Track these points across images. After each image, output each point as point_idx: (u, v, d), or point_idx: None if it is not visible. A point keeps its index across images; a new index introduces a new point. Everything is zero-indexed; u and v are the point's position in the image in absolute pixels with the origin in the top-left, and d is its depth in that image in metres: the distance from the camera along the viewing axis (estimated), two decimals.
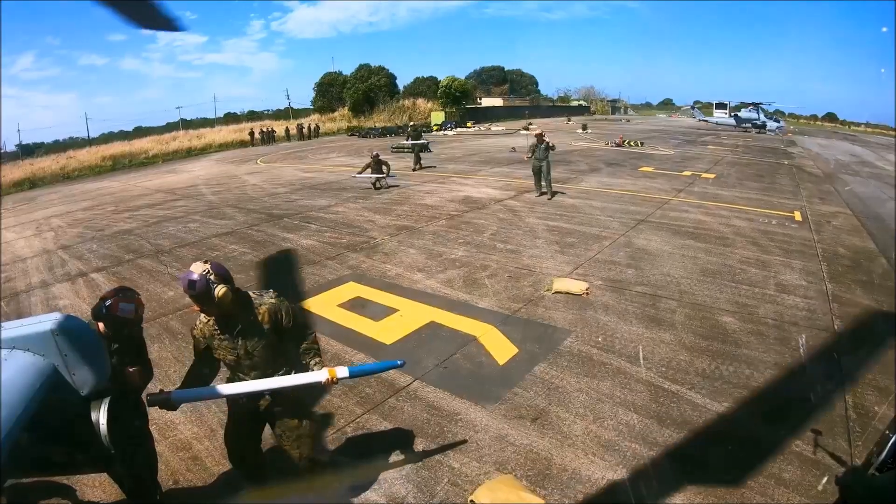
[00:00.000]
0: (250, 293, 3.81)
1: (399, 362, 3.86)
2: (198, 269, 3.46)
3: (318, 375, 3.65)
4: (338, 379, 3.63)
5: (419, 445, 5.04)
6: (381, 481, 4.59)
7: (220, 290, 3.46)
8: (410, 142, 27.98)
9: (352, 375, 3.72)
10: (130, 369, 3.71)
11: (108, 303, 3.66)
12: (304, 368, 3.88)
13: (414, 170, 24.04)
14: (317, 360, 3.88)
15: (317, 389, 5.19)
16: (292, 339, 3.91)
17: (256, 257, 11.37)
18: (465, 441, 5.06)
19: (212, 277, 3.45)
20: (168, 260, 11.67)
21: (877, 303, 8.05)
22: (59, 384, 2.99)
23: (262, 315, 3.73)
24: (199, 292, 3.44)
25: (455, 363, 6.57)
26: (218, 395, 3.79)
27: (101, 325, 3.68)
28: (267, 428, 4.13)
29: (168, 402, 3.65)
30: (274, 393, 3.85)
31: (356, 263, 10.59)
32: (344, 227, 13.77)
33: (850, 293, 8.43)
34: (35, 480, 4.21)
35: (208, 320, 3.75)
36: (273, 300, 3.80)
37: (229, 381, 3.87)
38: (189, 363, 4.02)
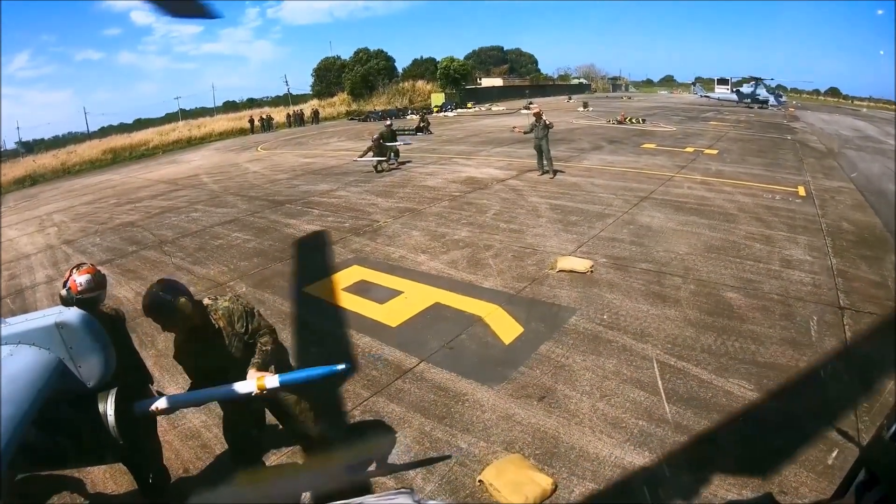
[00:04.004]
0: (205, 300, 3.80)
1: (341, 367, 3.47)
2: (152, 290, 3.48)
3: (246, 386, 3.54)
4: (267, 389, 3.53)
5: (426, 427, 5.05)
6: (390, 463, 4.61)
7: (178, 301, 3.47)
8: (382, 144, 19.88)
9: (283, 384, 3.53)
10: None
11: (67, 285, 3.78)
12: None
13: (378, 170, 19.43)
14: (252, 370, 3.71)
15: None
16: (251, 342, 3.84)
17: (260, 244, 11.36)
18: (472, 421, 5.08)
19: (167, 294, 3.46)
20: (172, 250, 11.66)
21: (881, 278, 8.01)
22: (65, 377, 2.99)
23: (219, 321, 3.72)
24: (160, 310, 3.45)
25: (461, 344, 6.58)
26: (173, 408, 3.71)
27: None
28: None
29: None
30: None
31: (359, 247, 10.58)
32: (346, 211, 13.75)
33: (855, 268, 8.39)
34: (45, 474, 4.25)
35: (181, 342, 3.74)
36: (227, 303, 3.78)
37: None
38: None
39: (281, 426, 4.28)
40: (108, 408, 3.13)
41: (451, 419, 5.13)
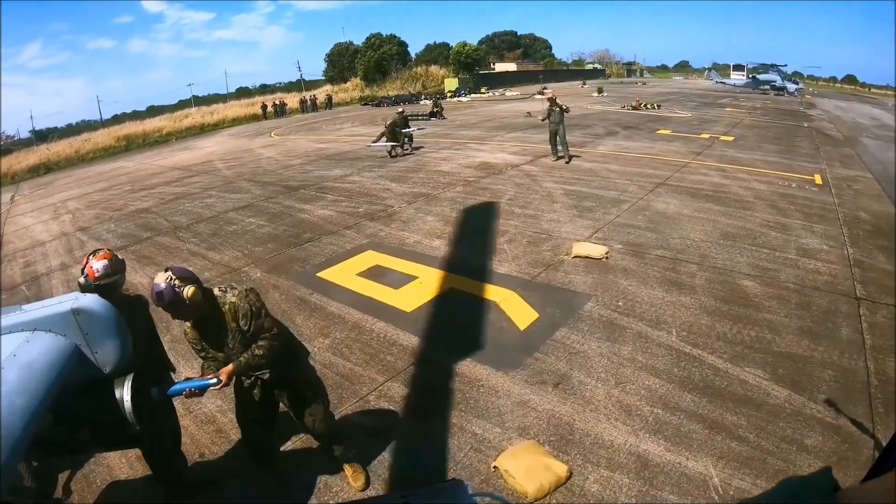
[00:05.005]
0: (215, 290, 3.74)
1: (213, 381, 3.59)
2: (161, 279, 3.44)
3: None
4: (153, 397, 3.55)
5: (441, 412, 5.07)
6: (404, 449, 4.64)
7: (188, 290, 3.43)
8: (395, 129, 19.94)
9: (167, 394, 3.64)
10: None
11: (84, 272, 3.81)
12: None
13: (392, 155, 19.49)
14: (227, 367, 3.70)
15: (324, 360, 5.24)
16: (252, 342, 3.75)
17: (274, 230, 11.41)
18: (486, 407, 5.10)
19: (176, 282, 3.42)
20: (186, 236, 11.74)
21: None
22: (81, 363, 3.00)
23: (226, 313, 3.68)
24: (169, 300, 3.41)
25: (476, 329, 6.59)
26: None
27: None
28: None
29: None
30: (274, 370, 3.88)
31: (374, 232, 10.60)
32: (360, 196, 13.76)
33: (872, 258, 8.27)
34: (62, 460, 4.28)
35: (191, 326, 3.73)
36: (234, 299, 3.69)
37: None
38: None
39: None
40: (125, 394, 3.14)
41: (466, 405, 5.15)
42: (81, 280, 3.84)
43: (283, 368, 3.91)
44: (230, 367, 3.67)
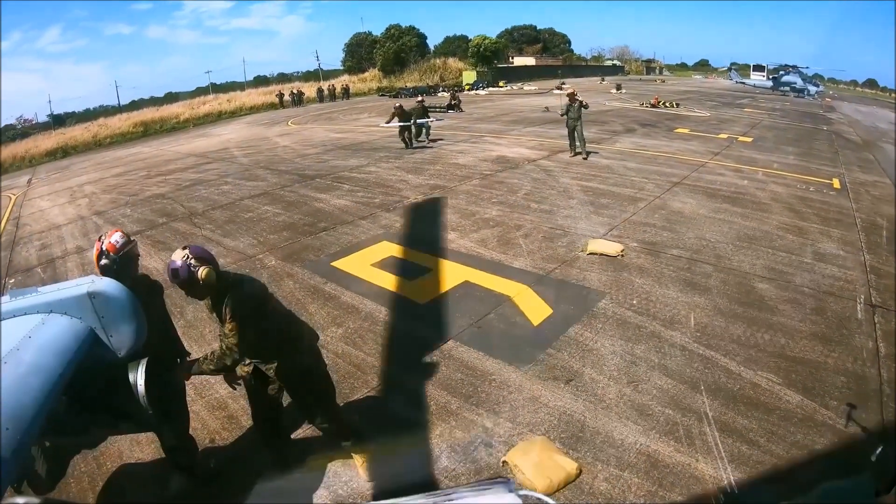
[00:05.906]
0: (230, 276, 3.75)
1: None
2: (178, 256, 3.47)
3: None
4: None
5: (453, 405, 5.08)
6: (415, 440, 4.65)
7: (202, 271, 3.46)
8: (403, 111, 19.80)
9: None
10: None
11: (104, 250, 3.86)
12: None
13: (408, 145, 19.57)
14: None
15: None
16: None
17: (290, 218, 11.45)
18: (498, 402, 5.11)
19: (192, 261, 3.45)
20: (201, 222, 11.81)
21: None
22: (96, 346, 3.03)
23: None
24: (184, 278, 3.45)
25: (489, 323, 6.60)
26: None
27: None
28: None
29: None
30: (278, 364, 3.89)
31: (389, 223, 10.62)
32: (376, 186, 13.79)
33: (889, 265, 8.14)
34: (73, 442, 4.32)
35: (207, 302, 3.75)
36: (230, 291, 3.64)
37: None
38: None
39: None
40: (139, 377, 3.17)
41: (478, 398, 5.16)
42: (104, 261, 3.85)
43: (284, 365, 3.92)
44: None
